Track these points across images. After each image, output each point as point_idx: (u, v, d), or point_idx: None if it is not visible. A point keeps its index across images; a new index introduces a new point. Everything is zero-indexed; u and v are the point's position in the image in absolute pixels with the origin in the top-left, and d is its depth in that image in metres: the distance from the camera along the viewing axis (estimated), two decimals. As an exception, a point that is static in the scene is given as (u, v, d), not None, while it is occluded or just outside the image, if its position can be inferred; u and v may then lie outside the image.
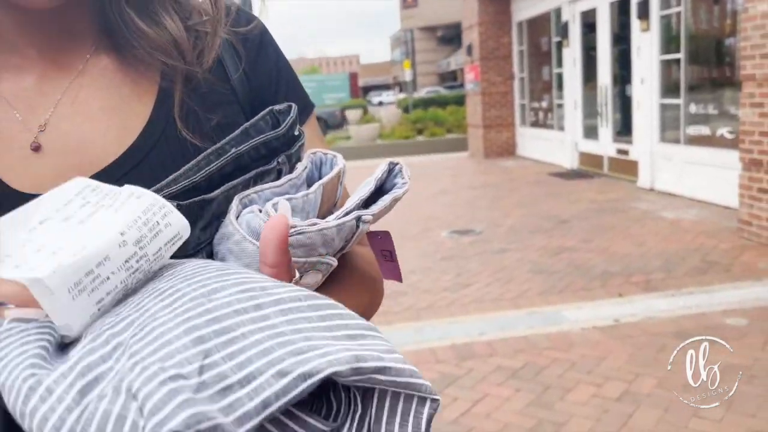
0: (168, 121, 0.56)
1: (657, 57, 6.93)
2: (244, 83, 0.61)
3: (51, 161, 0.53)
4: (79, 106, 0.55)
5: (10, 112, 0.54)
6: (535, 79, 10.77)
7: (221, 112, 0.58)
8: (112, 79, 0.57)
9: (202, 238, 0.50)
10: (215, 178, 0.50)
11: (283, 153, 0.54)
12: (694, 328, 3.32)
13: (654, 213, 5.97)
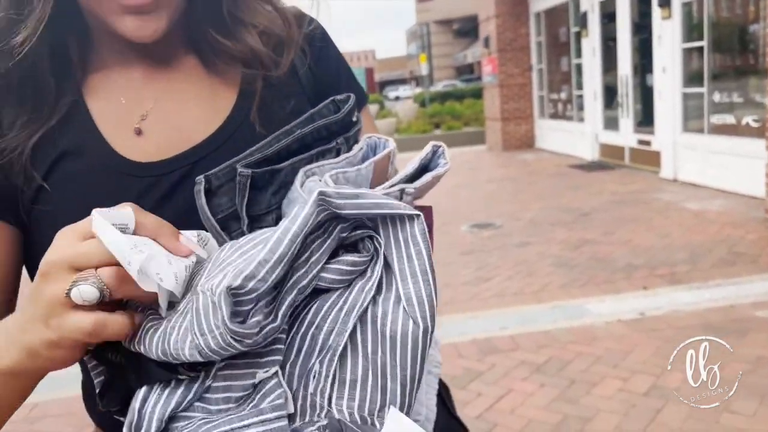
0: (246, 115, 0.67)
1: (679, 45, 6.80)
2: (310, 77, 0.72)
3: (152, 139, 0.65)
4: (174, 96, 0.67)
5: (118, 100, 0.66)
6: (553, 70, 10.65)
7: (291, 103, 0.69)
8: (200, 77, 0.69)
9: (272, 202, 0.59)
10: (283, 154, 0.59)
11: (341, 135, 0.63)
12: (722, 321, 3.25)
13: (677, 204, 5.87)
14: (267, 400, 0.46)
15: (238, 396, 0.48)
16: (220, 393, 0.48)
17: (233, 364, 0.48)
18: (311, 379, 0.48)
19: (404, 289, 0.47)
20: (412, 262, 0.47)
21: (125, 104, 0.65)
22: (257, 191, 0.58)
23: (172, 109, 0.66)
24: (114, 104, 0.65)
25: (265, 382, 0.47)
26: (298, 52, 0.71)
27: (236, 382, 0.48)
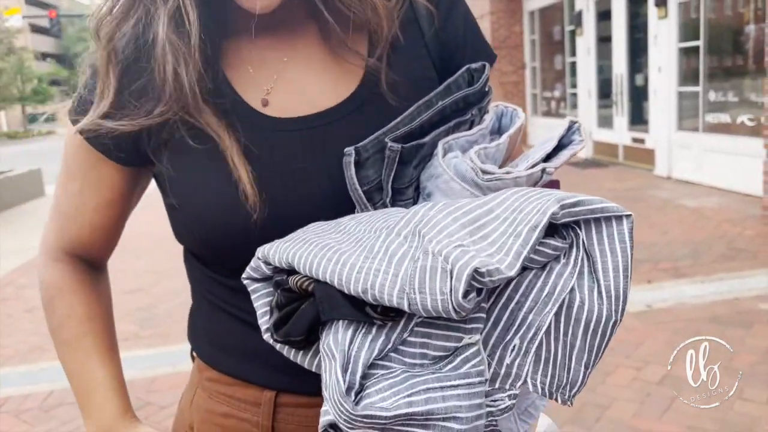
0: (375, 84, 0.66)
1: (675, 45, 6.90)
2: (435, 39, 0.69)
3: (280, 103, 0.67)
4: (298, 65, 0.68)
5: (246, 69, 0.68)
6: (547, 68, 10.74)
7: (416, 67, 0.68)
8: (322, 46, 0.68)
9: (413, 175, 0.60)
10: (425, 126, 0.60)
11: (476, 106, 0.63)
12: (728, 313, 3.32)
13: (675, 201, 5.97)
14: (469, 365, 0.49)
15: (435, 355, 0.51)
16: (417, 348, 0.51)
17: (434, 324, 0.51)
18: (508, 351, 0.51)
19: (605, 281, 0.50)
20: (616, 257, 0.50)
21: (252, 74, 0.68)
22: (402, 165, 0.60)
23: (296, 78, 0.68)
24: (245, 73, 0.68)
25: (465, 348, 0.50)
26: (421, 10, 0.70)
27: (436, 341, 0.51)
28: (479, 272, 0.45)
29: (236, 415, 0.71)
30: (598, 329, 0.51)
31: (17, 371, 3.43)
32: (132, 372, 3.26)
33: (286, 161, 0.64)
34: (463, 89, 0.62)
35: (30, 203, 9.50)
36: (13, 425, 2.82)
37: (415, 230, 0.51)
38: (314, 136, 0.64)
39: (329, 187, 0.63)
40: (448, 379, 0.48)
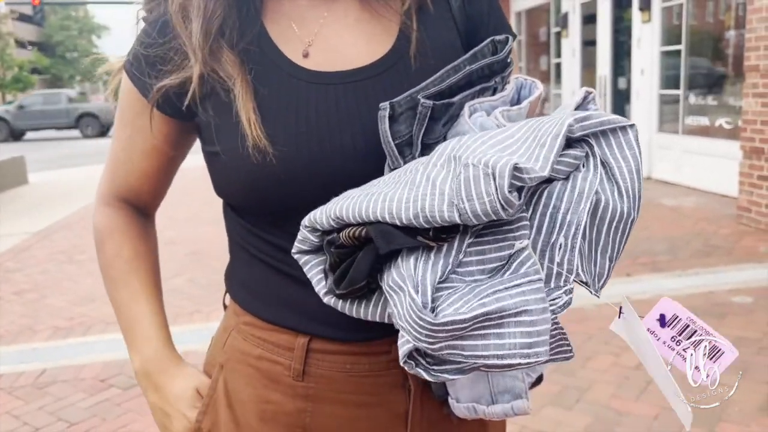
0: (407, 46, 0.72)
1: (658, 48, 7.07)
2: (462, 14, 0.76)
3: (318, 58, 0.72)
4: (337, 20, 0.74)
5: (289, 24, 0.74)
6: (532, 69, 10.89)
7: (444, 35, 0.74)
8: (360, 6, 0.74)
9: (442, 132, 0.66)
10: (454, 88, 0.65)
11: (499, 75, 0.68)
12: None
13: (654, 200, 6.13)
14: (525, 266, 0.55)
15: (492, 267, 0.57)
16: (474, 266, 0.57)
17: (485, 239, 0.57)
18: (557, 251, 0.58)
19: (623, 182, 0.58)
20: (629, 162, 0.58)
21: (295, 29, 0.73)
22: (432, 121, 0.64)
23: (334, 35, 0.73)
24: (286, 29, 0.73)
25: (518, 253, 0.56)
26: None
27: (490, 255, 0.57)
28: (518, 168, 0.51)
29: (269, 358, 0.75)
30: (620, 226, 0.59)
31: (9, 350, 3.46)
32: (123, 353, 3.29)
33: (321, 112, 0.68)
34: (488, 58, 0.67)
35: (13, 190, 9.42)
36: (7, 401, 2.87)
37: (451, 156, 0.57)
38: (348, 90, 0.69)
39: (362, 140, 0.67)
40: (511, 281, 0.54)
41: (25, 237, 6.24)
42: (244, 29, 0.71)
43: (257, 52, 0.71)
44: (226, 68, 0.69)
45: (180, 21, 0.70)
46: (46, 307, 4.12)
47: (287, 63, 0.71)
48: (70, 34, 46.32)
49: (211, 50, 0.70)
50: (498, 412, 0.69)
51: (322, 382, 0.73)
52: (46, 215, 7.30)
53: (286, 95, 0.69)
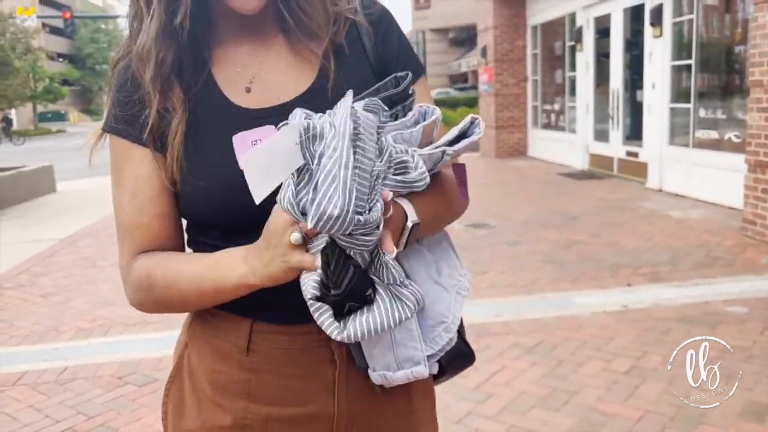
0: (325, 82, 0.87)
1: (669, 63, 7.16)
2: (375, 51, 0.91)
3: (257, 95, 0.88)
4: (271, 64, 0.90)
5: (233, 68, 0.90)
6: (547, 82, 11.00)
7: (358, 72, 0.89)
8: (287, 51, 0.90)
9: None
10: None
11: (400, 104, 0.81)
12: (697, 314, 3.56)
13: (661, 212, 6.20)
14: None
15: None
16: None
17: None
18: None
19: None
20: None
21: (239, 71, 0.88)
22: None
23: (269, 75, 0.88)
24: (231, 72, 0.89)
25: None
26: (367, 30, 0.90)
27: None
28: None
29: (221, 337, 0.90)
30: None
31: (34, 349, 3.68)
32: (141, 353, 3.51)
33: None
34: (388, 91, 0.80)
35: (42, 198, 9.78)
36: (30, 395, 3.08)
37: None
38: (277, 121, 0.82)
39: None
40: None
41: (52, 243, 6.52)
42: (195, 75, 0.86)
43: (205, 96, 0.86)
44: (172, 104, 0.84)
45: (139, 68, 0.85)
46: (69, 309, 4.35)
47: (229, 104, 0.86)
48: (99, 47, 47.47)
49: (162, 90, 0.84)
50: (401, 376, 0.84)
51: (263, 357, 0.88)
52: (73, 222, 7.59)
53: (225, 129, 0.83)
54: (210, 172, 0.83)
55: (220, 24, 0.89)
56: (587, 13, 9.09)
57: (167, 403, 0.98)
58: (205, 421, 0.92)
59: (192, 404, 0.93)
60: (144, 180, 0.87)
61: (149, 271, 0.86)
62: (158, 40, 0.83)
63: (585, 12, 9.12)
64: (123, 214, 0.89)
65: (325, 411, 0.89)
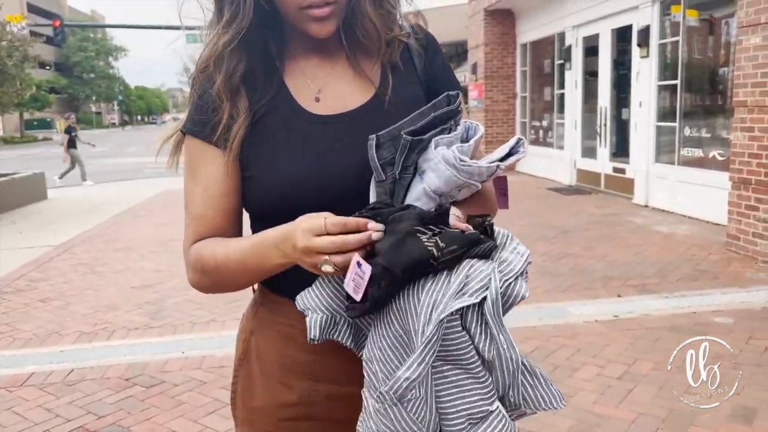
0: (384, 95, 0.99)
1: (655, 82, 7.38)
2: (424, 72, 1.04)
3: (325, 103, 0.99)
4: (337, 76, 1.02)
5: (303, 79, 1.01)
6: (536, 99, 11.23)
7: (410, 89, 1.02)
8: (350, 66, 1.02)
9: (415, 159, 0.91)
10: (419, 129, 0.90)
11: (453, 119, 0.93)
12: (686, 324, 3.70)
13: (649, 227, 6.38)
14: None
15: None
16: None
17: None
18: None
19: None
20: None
21: (309, 83, 1.00)
22: (409, 151, 0.88)
23: (336, 86, 1.00)
24: (302, 82, 1.00)
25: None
26: (418, 52, 1.03)
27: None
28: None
29: (288, 324, 1.01)
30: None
31: (38, 351, 3.73)
32: (145, 356, 3.57)
33: (326, 144, 0.94)
34: (444, 107, 0.91)
35: (34, 205, 9.77)
36: (39, 395, 3.13)
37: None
38: (343, 127, 0.95)
39: (359, 160, 0.91)
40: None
41: (48, 249, 6.54)
42: (268, 84, 0.97)
43: (279, 102, 0.97)
44: (237, 110, 0.95)
45: (213, 74, 0.96)
46: (71, 314, 4.39)
47: (301, 110, 0.97)
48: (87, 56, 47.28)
49: (232, 97, 0.95)
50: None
51: (325, 341, 0.97)
52: (66, 229, 7.61)
53: (298, 132, 0.95)
54: (283, 171, 0.94)
55: (291, 42, 1.01)
56: (576, 33, 9.33)
57: (236, 384, 1.08)
58: (272, 398, 1.02)
59: (261, 385, 1.04)
60: (215, 178, 0.97)
61: (202, 254, 0.96)
62: (230, 51, 0.94)
63: (574, 31, 9.36)
64: (192, 205, 0.99)
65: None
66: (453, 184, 0.89)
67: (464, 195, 0.93)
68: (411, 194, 0.91)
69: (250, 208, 1.01)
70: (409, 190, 0.91)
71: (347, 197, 0.92)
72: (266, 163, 0.95)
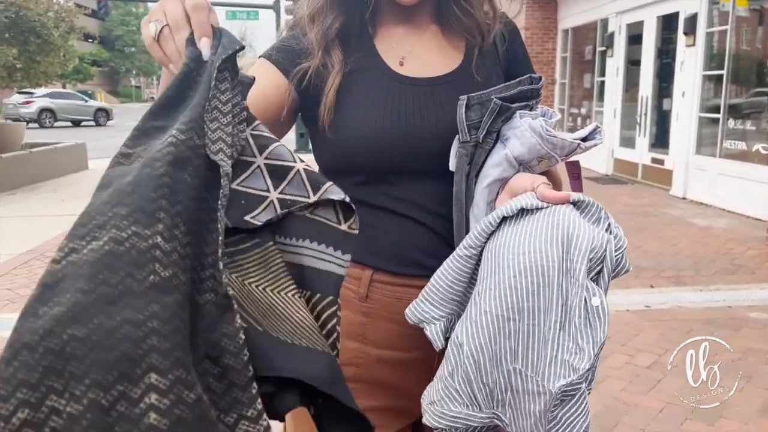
0: (469, 67, 1.03)
1: (700, 72, 7.21)
2: (504, 55, 1.07)
3: (409, 67, 1.02)
4: (423, 45, 1.05)
5: (390, 43, 1.04)
6: (575, 85, 11.05)
7: (491, 65, 1.06)
8: (438, 37, 1.06)
9: (500, 125, 0.94)
10: (507, 99, 0.94)
11: (534, 99, 0.97)
12: (720, 317, 3.66)
13: (686, 219, 6.28)
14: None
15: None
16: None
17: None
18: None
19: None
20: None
21: (395, 47, 1.03)
22: (497, 116, 0.93)
23: (421, 54, 1.03)
24: (388, 46, 1.03)
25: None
26: (501, 36, 1.06)
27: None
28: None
29: (344, 286, 0.99)
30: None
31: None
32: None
33: (410, 104, 0.97)
34: (532, 85, 0.96)
35: (75, 175, 10.04)
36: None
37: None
38: (429, 90, 0.98)
39: (438, 123, 0.96)
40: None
41: (88, 218, 6.73)
42: (359, 44, 1.01)
43: (367, 61, 1.01)
44: (332, 61, 0.98)
45: (308, 26, 1.00)
46: (110, 280, 4.53)
47: (389, 70, 1.01)
48: (129, 29, 47.99)
49: (326, 48, 0.99)
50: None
51: (378, 304, 1.00)
52: (106, 199, 7.80)
53: (383, 90, 0.98)
54: (365, 126, 0.96)
55: (382, 9, 1.05)
56: (620, 19, 9.14)
57: None
58: None
59: None
60: (263, 90, 0.95)
61: None
62: (329, 8, 0.99)
63: (617, 18, 9.17)
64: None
65: (427, 357, 1.00)
66: (535, 152, 0.91)
67: (541, 168, 0.96)
68: (492, 159, 0.94)
69: (326, 163, 1.03)
70: (490, 155, 0.94)
71: (424, 157, 0.96)
72: (348, 117, 0.97)
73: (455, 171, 0.95)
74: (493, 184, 0.95)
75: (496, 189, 0.95)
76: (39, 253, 5.30)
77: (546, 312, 0.80)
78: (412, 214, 0.99)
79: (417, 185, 0.99)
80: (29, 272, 4.73)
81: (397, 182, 0.98)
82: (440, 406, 0.85)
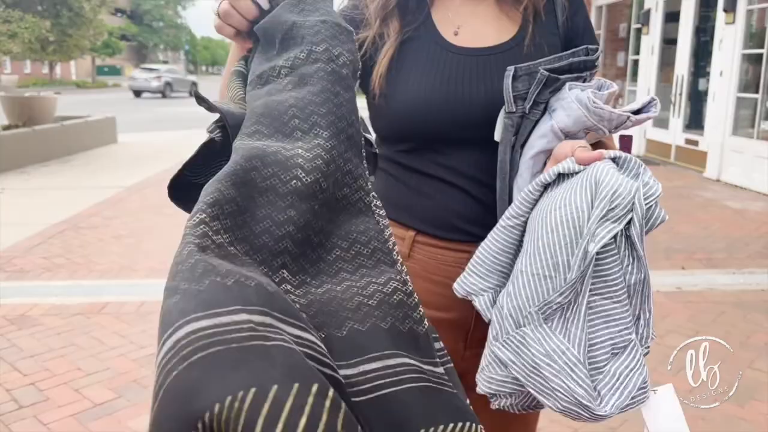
0: (524, 38, 1.02)
1: (739, 51, 7.01)
2: (565, 25, 1.05)
3: (463, 37, 1.03)
4: (479, 16, 1.05)
5: (446, 13, 1.05)
6: (608, 64, 10.84)
7: (548, 36, 1.03)
8: (494, 9, 1.06)
9: (547, 96, 0.93)
10: (560, 70, 0.93)
11: (589, 71, 0.96)
12: (754, 300, 3.60)
13: (719, 202, 6.15)
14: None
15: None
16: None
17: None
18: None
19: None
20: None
21: (450, 17, 1.05)
22: (544, 87, 0.92)
23: (475, 24, 1.04)
24: (444, 16, 1.05)
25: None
26: (562, 6, 1.04)
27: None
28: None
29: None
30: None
31: (112, 283, 3.95)
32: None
33: (461, 72, 0.98)
34: (585, 57, 0.94)
35: (104, 148, 10.18)
36: (114, 323, 3.33)
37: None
38: (481, 60, 0.99)
39: (485, 93, 0.97)
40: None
41: (119, 190, 6.84)
42: (417, 13, 1.04)
43: (423, 30, 1.03)
44: (388, 31, 1.01)
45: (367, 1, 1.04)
46: (142, 251, 4.62)
47: (442, 39, 1.02)
48: (157, 4, 48.21)
49: (384, 18, 1.02)
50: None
51: (419, 264, 1.03)
52: (135, 172, 7.92)
53: (434, 60, 1.00)
54: (413, 94, 0.98)
55: None
56: (657, -4, 8.91)
57: None
58: None
59: None
60: None
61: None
62: None
63: (654, -6, 8.94)
64: None
65: (464, 319, 1.03)
66: (581, 124, 0.90)
67: (589, 140, 0.95)
68: (538, 130, 0.93)
69: (380, 131, 1.06)
70: (536, 127, 0.93)
71: (471, 126, 0.97)
72: (398, 86, 1.00)
73: (500, 141, 0.95)
74: (538, 155, 0.94)
75: (541, 160, 0.95)
76: (72, 223, 5.41)
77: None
78: (457, 182, 1.01)
79: (463, 154, 1.00)
80: (63, 242, 4.84)
81: (443, 150, 1.00)
82: (489, 371, 0.86)
